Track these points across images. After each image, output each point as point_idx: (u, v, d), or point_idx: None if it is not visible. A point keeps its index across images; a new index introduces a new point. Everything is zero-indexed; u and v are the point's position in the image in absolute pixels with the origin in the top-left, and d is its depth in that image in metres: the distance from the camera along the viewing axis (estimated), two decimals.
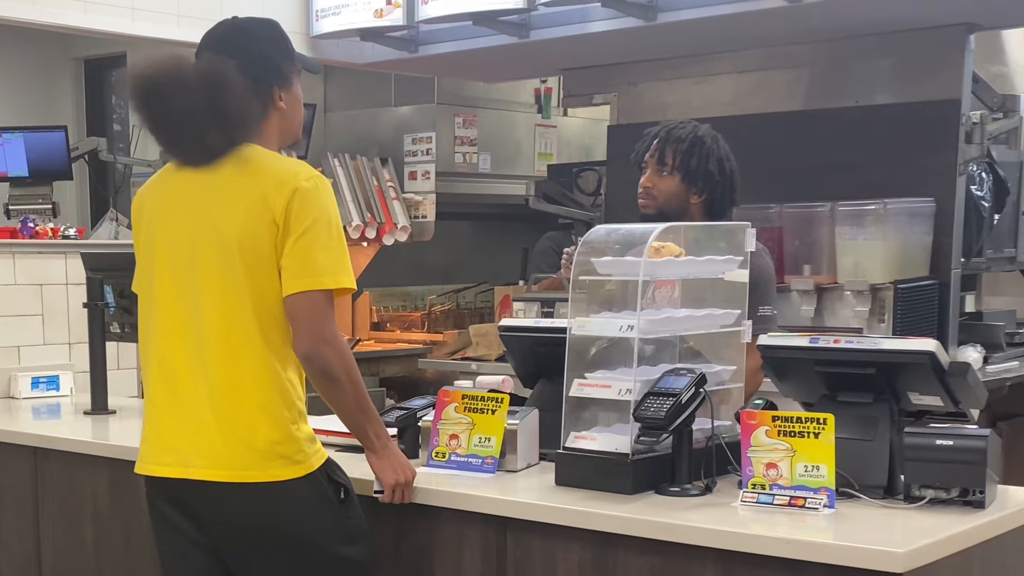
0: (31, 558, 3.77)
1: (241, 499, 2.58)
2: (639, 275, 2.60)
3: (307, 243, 2.56)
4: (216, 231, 2.61)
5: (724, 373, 2.81)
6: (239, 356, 2.59)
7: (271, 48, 2.76)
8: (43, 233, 5.55)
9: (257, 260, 2.58)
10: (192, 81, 2.58)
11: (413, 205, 6.97)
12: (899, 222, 4.61)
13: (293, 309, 2.58)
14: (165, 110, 2.60)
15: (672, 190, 3.28)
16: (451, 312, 7.40)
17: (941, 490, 2.45)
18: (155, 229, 2.72)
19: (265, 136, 2.70)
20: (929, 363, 2.53)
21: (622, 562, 2.47)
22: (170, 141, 2.68)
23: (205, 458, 2.59)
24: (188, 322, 2.64)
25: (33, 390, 4.50)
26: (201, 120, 2.58)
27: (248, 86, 2.62)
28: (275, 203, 2.56)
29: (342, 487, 2.68)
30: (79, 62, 8.60)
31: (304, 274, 2.56)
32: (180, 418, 2.64)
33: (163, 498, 2.70)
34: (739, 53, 5.26)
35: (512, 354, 3.29)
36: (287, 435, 2.59)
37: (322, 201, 2.60)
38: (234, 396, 2.59)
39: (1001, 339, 4.95)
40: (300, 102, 2.81)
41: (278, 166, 2.64)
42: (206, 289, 2.61)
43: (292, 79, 2.77)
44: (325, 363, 2.59)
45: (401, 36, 5.58)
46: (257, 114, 2.66)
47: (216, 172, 2.64)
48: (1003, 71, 5.64)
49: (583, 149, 7.69)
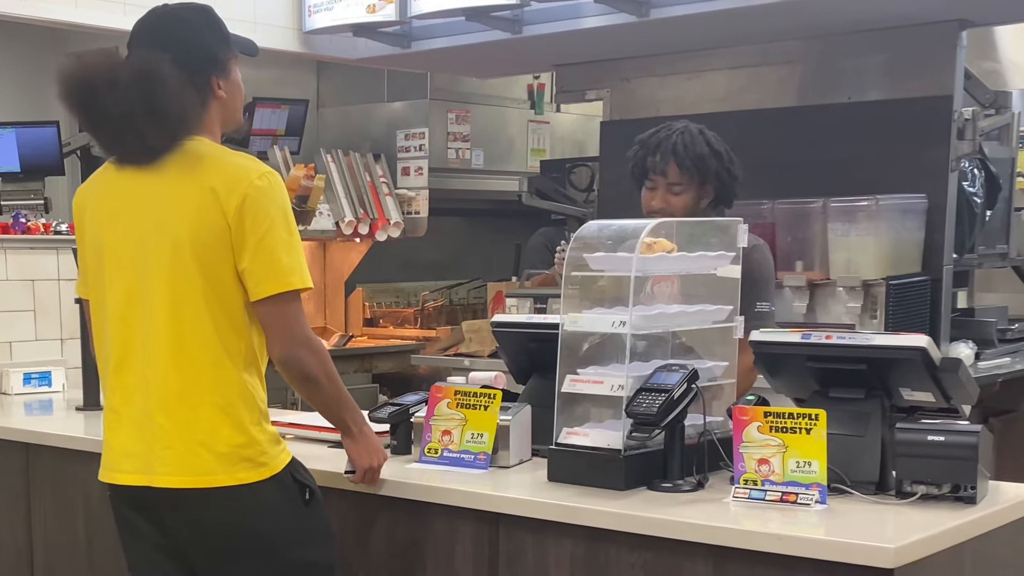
0: (23, 554, 3.76)
1: (206, 504, 2.54)
2: (631, 271, 2.60)
3: (269, 245, 2.51)
4: (167, 231, 2.55)
5: (716, 369, 2.81)
6: (194, 359, 2.54)
7: (206, 36, 2.67)
8: (35, 228, 5.54)
9: (210, 259, 2.53)
10: (125, 80, 2.51)
11: (406, 201, 6.96)
12: (891, 218, 4.61)
13: (264, 315, 2.55)
14: (100, 111, 2.54)
15: (687, 207, 3.23)
16: (444, 308, 7.40)
17: (933, 486, 2.45)
18: (102, 231, 2.65)
19: (207, 127, 2.64)
20: (921, 359, 2.53)
21: (614, 558, 2.47)
22: (110, 142, 2.62)
23: (166, 465, 2.55)
24: (141, 325, 2.58)
25: (25, 386, 4.49)
26: (138, 120, 2.51)
27: (184, 79, 2.55)
28: (227, 203, 2.51)
29: (307, 488, 2.64)
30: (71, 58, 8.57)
31: (271, 277, 2.53)
32: (138, 424, 2.59)
33: (126, 504, 2.65)
34: (732, 49, 5.26)
35: (505, 350, 3.29)
36: (249, 438, 2.56)
37: (277, 200, 2.55)
38: (191, 400, 2.54)
39: (993, 335, 4.96)
40: (240, 88, 2.73)
41: (228, 163, 2.57)
42: (158, 291, 2.55)
43: (230, 66, 2.69)
44: (303, 366, 2.58)
45: (394, 31, 5.57)
46: (196, 107, 2.59)
47: (162, 170, 2.58)
48: (995, 67, 5.65)
49: (576, 145, 7.69)
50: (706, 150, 3.22)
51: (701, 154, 3.21)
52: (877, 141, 4.78)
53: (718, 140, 3.29)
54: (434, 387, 2.96)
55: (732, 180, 3.27)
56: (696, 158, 3.21)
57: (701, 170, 3.21)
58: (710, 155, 3.22)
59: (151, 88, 2.50)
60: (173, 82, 2.52)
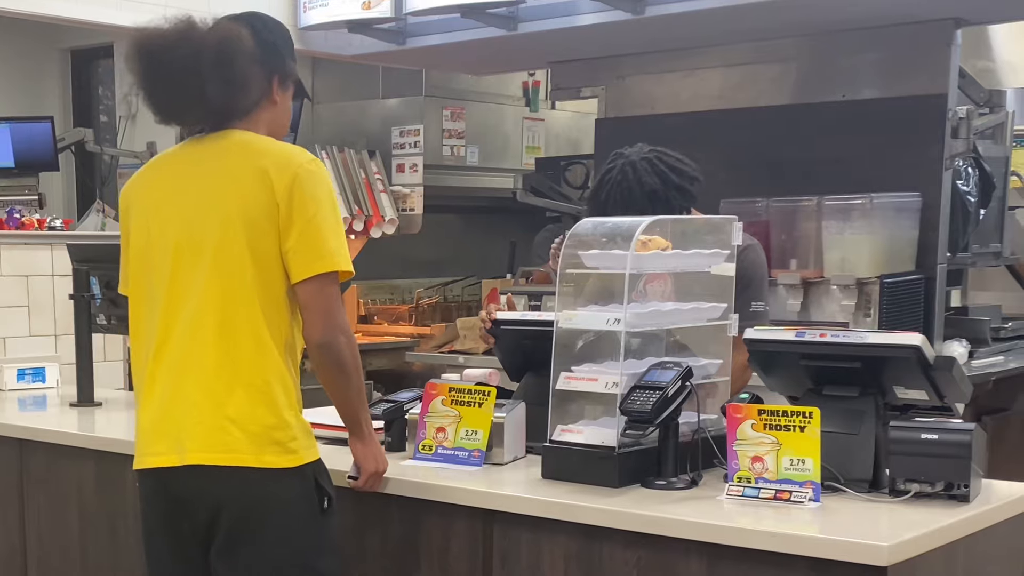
0: (16, 550, 3.76)
1: (230, 482, 2.54)
2: (626, 268, 2.60)
3: (316, 226, 2.54)
4: (217, 208, 2.57)
5: (710, 367, 2.81)
6: (237, 338, 2.55)
7: (280, 41, 2.76)
8: (29, 224, 5.54)
9: (258, 237, 2.55)
10: (201, 35, 2.55)
11: (401, 198, 6.96)
12: (885, 217, 4.62)
13: (306, 296, 2.56)
14: (166, 63, 2.55)
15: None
16: (438, 305, 7.40)
17: (926, 484, 2.46)
18: (149, 219, 2.67)
19: (255, 123, 2.68)
20: (915, 357, 2.54)
21: (608, 555, 2.48)
22: (166, 98, 2.62)
23: (195, 440, 2.55)
24: (185, 304, 2.59)
25: (19, 382, 4.48)
26: (204, 70, 2.54)
27: (257, 57, 2.61)
28: (278, 182, 2.54)
29: (327, 496, 2.63)
30: (65, 52, 8.57)
31: (316, 257, 2.54)
32: (172, 402, 2.59)
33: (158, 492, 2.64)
34: (727, 47, 5.26)
35: (499, 347, 3.29)
36: (281, 420, 2.56)
37: (325, 185, 2.59)
38: (228, 378, 2.55)
39: (986, 334, 4.96)
40: (288, 115, 2.79)
41: (277, 147, 2.62)
42: (205, 269, 2.57)
43: (290, 82, 2.76)
44: (339, 353, 2.58)
45: (389, 28, 5.58)
46: (257, 88, 2.64)
47: (211, 154, 2.62)
48: (989, 66, 5.66)
49: (571, 142, 7.70)
50: (641, 196, 3.10)
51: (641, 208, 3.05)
52: (871, 139, 4.79)
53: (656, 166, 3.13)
54: (428, 384, 2.96)
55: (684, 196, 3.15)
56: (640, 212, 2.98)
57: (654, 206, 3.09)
58: (646, 200, 3.10)
59: (226, 43, 2.55)
60: (246, 50, 2.58)
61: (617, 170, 3.16)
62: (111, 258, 4.17)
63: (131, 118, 8.02)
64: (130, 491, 3.34)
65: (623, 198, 3.13)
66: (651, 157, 3.16)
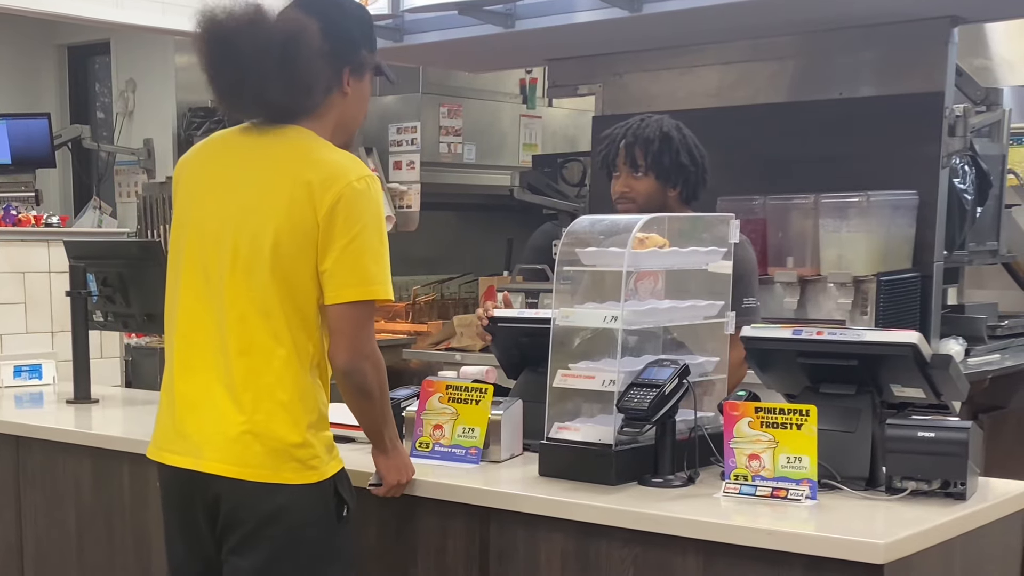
0: (13, 548, 3.76)
1: (245, 495, 2.50)
2: (623, 266, 2.60)
3: (357, 250, 2.45)
4: (255, 219, 2.49)
5: (707, 364, 2.82)
6: (263, 352, 2.49)
7: (354, 27, 2.65)
8: (26, 221, 5.54)
9: (292, 255, 2.46)
10: (267, 29, 2.46)
11: (398, 195, 6.96)
12: (882, 214, 4.62)
13: (337, 319, 2.48)
14: (232, 54, 2.47)
15: (650, 190, 3.29)
16: (435, 303, 7.39)
17: (923, 482, 2.46)
18: (190, 208, 2.62)
19: (321, 118, 2.57)
20: (911, 355, 2.54)
21: (604, 553, 2.48)
22: (228, 89, 2.53)
23: (216, 451, 2.50)
24: (216, 310, 2.53)
25: (15, 379, 4.48)
26: (267, 70, 2.44)
27: (324, 52, 2.50)
28: (321, 200, 2.44)
29: (345, 505, 2.60)
30: (62, 49, 8.57)
31: (354, 283, 2.46)
32: (197, 407, 2.55)
33: (173, 487, 2.63)
34: (724, 45, 5.26)
35: (496, 345, 3.29)
36: (304, 440, 2.50)
37: (372, 205, 2.47)
38: (254, 391, 2.49)
39: (983, 332, 4.96)
40: (366, 101, 2.68)
41: (329, 159, 2.50)
42: (236, 278, 2.50)
43: (365, 70, 2.65)
44: (363, 379, 2.52)
45: (386, 25, 5.56)
46: (322, 85, 2.53)
47: (261, 153, 2.54)
48: (986, 64, 5.66)
49: (568, 140, 7.70)
50: (656, 135, 3.28)
51: (648, 138, 3.28)
52: (868, 137, 4.79)
53: (679, 131, 3.32)
54: (425, 381, 2.96)
55: (697, 172, 3.31)
56: (644, 141, 3.28)
57: (647, 152, 3.28)
58: (659, 139, 3.28)
59: (291, 42, 2.45)
60: (312, 47, 2.47)
61: (642, 116, 3.35)
62: (108, 255, 4.20)
63: (128, 115, 8.03)
64: (126, 488, 3.35)
65: (639, 129, 3.30)
66: (674, 123, 3.34)
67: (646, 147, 3.28)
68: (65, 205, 8.27)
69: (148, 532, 3.28)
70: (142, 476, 3.23)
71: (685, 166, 3.28)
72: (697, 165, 3.32)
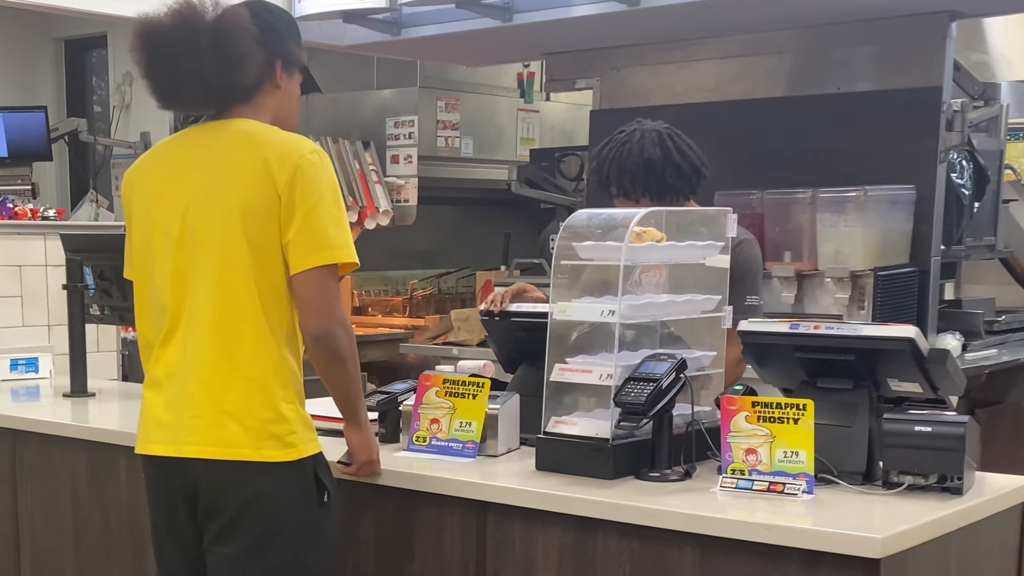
0: (9, 541, 3.76)
1: (228, 476, 2.54)
2: (620, 260, 2.60)
3: (317, 218, 2.52)
4: (217, 201, 2.56)
5: (705, 359, 2.82)
6: (235, 330, 2.55)
7: (282, 23, 2.73)
8: (22, 214, 5.53)
9: (258, 231, 2.53)
10: (197, 18, 2.53)
11: (395, 189, 6.95)
12: (880, 209, 4.62)
13: (304, 287, 2.54)
14: (166, 49, 2.54)
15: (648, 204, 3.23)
16: (433, 297, 7.40)
17: (919, 476, 2.46)
18: (150, 206, 2.67)
19: (259, 112, 2.66)
20: (909, 350, 2.54)
21: (601, 546, 2.48)
22: (166, 81, 2.60)
23: (194, 434, 2.55)
24: (188, 296, 2.59)
25: (12, 372, 4.48)
26: (201, 50, 2.52)
27: (254, 33, 2.58)
28: (279, 174, 2.52)
29: (326, 490, 2.63)
30: (59, 42, 8.56)
31: (317, 248, 2.53)
32: (173, 394, 2.60)
33: (160, 478, 2.65)
34: (722, 39, 5.26)
35: (493, 339, 3.29)
36: (278, 414, 2.55)
37: (328, 175, 2.57)
38: (225, 370, 2.55)
39: (980, 327, 4.98)
40: (296, 103, 2.76)
41: (279, 137, 2.59)
42: (206, 261, 2.56)
43: (295, 66, 2.74)
44: (336, 344, 2.56)
45: (384, 18, 5.56)
46: (257, 70, 2.61)
47: (212, 143, 2.61)
48: (984, 59, 5.67)
49: (565, 134, 7.69)
50: (638, 164, 3.20)
51: (632, 170, 3.20)
52: (866, 132, 4.79)
53: (663, 144, 3.23)
54: (423, 376, 2.96)
55: (676, 186, 3.24)
56: (630, 174, 3.21)
57: (635, 183, 3.21)
58: (642, 167, 3.20)
59: (222, 21, 2.54)
60: (242, 25, 2.55)
61: (626, 133, 3.27)
62: (104, 248, 4.19)
63: (125, 108, 8.02)
64: (123, 481, 3.35)
65: (621, 158, 3.22)
66: (662, 131, 3.26)
67: (632, 179, 3.23)
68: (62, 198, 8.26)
69: (144, 525, 3.25)
70: (138, 470, 3.20)
71: (673, 185, 3.23)
72: (688, 174, 3.24)
